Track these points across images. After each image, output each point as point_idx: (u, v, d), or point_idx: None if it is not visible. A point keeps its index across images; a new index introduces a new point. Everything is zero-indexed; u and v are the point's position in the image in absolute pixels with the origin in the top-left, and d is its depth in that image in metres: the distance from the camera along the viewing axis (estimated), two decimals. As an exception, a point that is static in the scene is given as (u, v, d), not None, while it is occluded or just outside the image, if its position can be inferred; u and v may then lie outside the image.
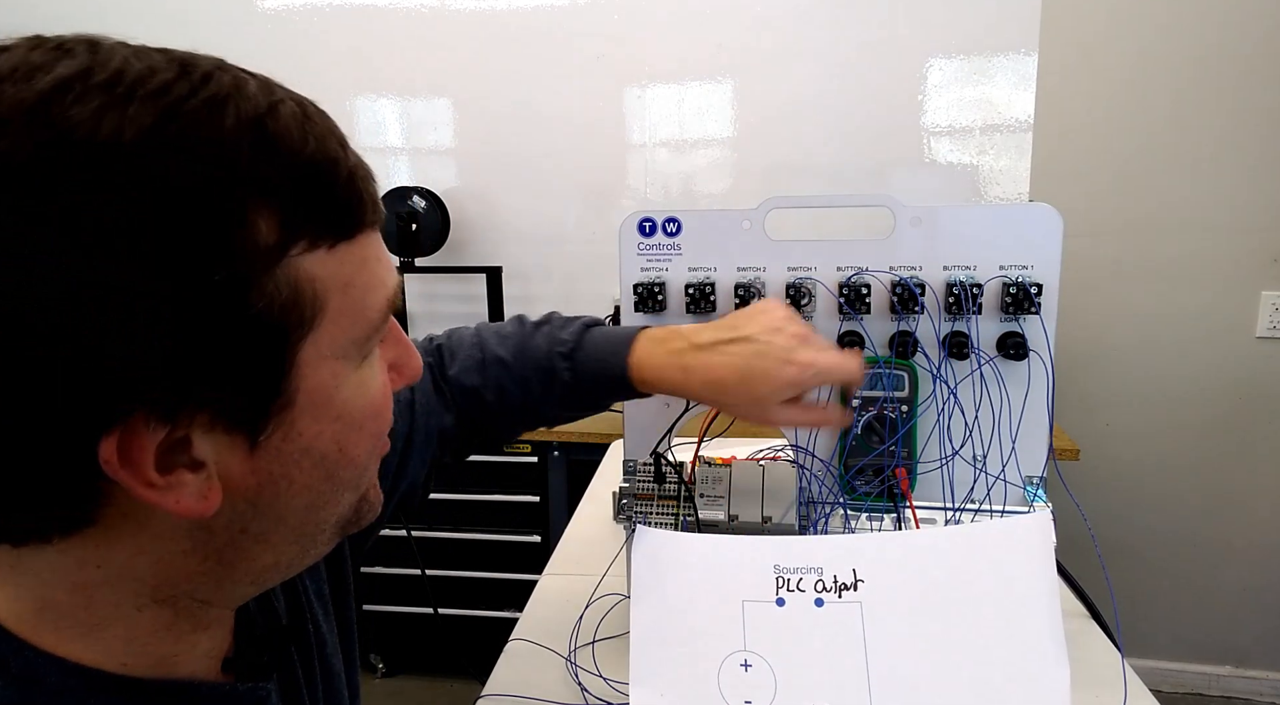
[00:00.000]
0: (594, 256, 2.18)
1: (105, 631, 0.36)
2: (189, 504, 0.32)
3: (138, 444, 0.30)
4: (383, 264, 0.37)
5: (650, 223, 0.78)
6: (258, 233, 0.31)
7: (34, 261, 0.27)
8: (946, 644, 0.54)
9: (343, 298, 0.34)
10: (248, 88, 0.32)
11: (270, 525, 0.37)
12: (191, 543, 0.35)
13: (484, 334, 0.71)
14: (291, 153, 0.32)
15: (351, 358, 0.36)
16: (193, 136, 0.29)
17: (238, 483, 0.34)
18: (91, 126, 0.28)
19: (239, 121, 0.31)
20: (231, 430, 0.33)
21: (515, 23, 2.10)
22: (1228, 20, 1.88)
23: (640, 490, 0.78)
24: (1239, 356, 2.01)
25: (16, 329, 0.27)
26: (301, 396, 0.34)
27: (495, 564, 2.03)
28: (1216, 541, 2.10)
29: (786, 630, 0.54)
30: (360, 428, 0.37)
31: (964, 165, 2.03)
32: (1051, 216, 0.72)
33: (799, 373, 0.60)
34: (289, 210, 0.32)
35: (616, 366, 0.65)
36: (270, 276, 0.31)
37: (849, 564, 0.56)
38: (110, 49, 0.30)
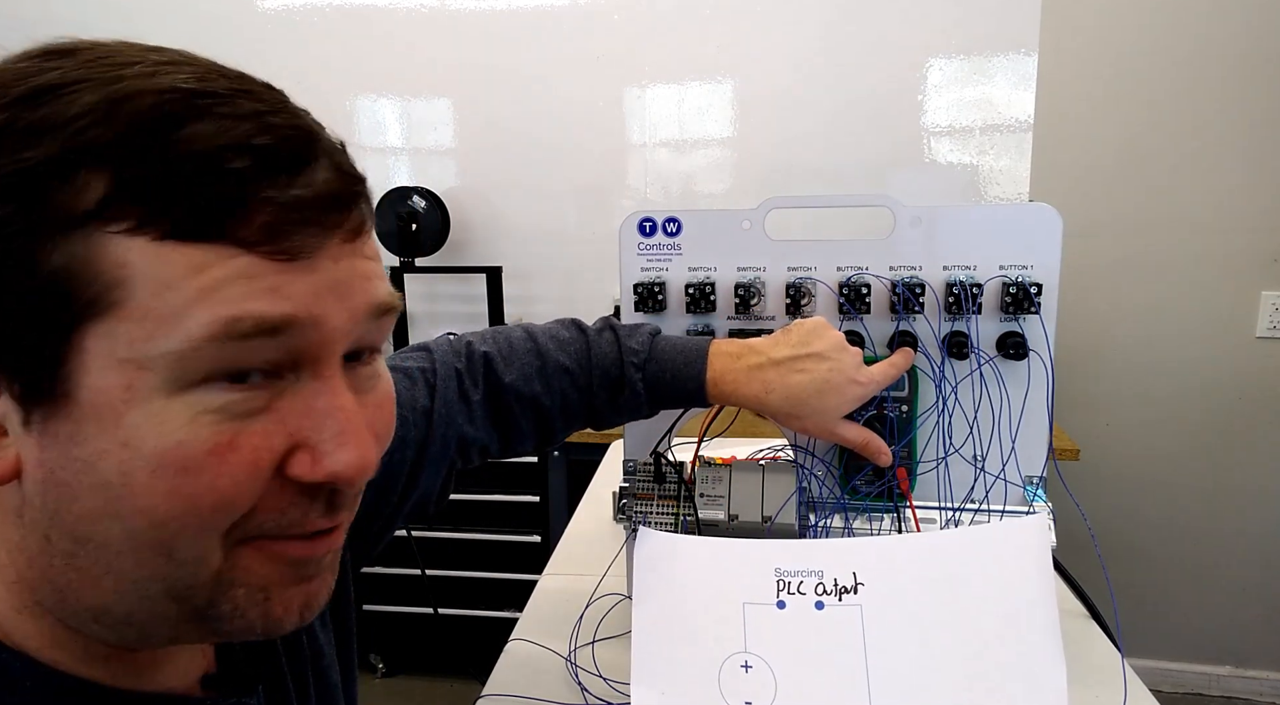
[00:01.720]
0: (594, 256, 2.18)
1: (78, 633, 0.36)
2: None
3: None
4: (255, 285, 0.31)
5: (650, 223, 0.78)
6: (78, 191, 0.29)
7: None
8: (945, 646, 0.54)
9: (155, 298, 0.30)
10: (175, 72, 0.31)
11: (71, 546, 0.33)
12: (17, 533, 0.34)
13: (540, 340, 0.70)
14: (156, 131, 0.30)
15: (158, 374, 0.31)
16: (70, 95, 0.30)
17: (30, 468, 0.32)
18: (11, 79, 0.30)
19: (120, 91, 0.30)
20: (14, 398, 0.31)
21: (515, 23, 2.10)
22: (1228, 20, 1.88)
23: (640, 490, 0.78)
24: (1239, 356, 2.01)
25: None
26: (85, 393, 0.31)
27: (495, 564, 2.03)
28: (1217, 541, 2.10)
29: (787, 632, 0.54)
30: (153, 472, 0.31)
31: (964, 165, 2.03)
32: (1051, 216, 0.72)
33: (864, 389, 0.67)
34: (120, 182, 0.30)
35: (693, 380, 0.67)
36: (67, 239, 0.29)
37: (849, 567, 0.56)
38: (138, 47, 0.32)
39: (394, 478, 0.62)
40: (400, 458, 0.62)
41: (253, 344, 0.31)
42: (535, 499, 1.99)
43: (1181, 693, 2.17)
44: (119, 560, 0.33)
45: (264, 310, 0.31)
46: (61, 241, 0.29)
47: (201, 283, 0.30)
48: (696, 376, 0.66)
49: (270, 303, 0.31)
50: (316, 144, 0.34)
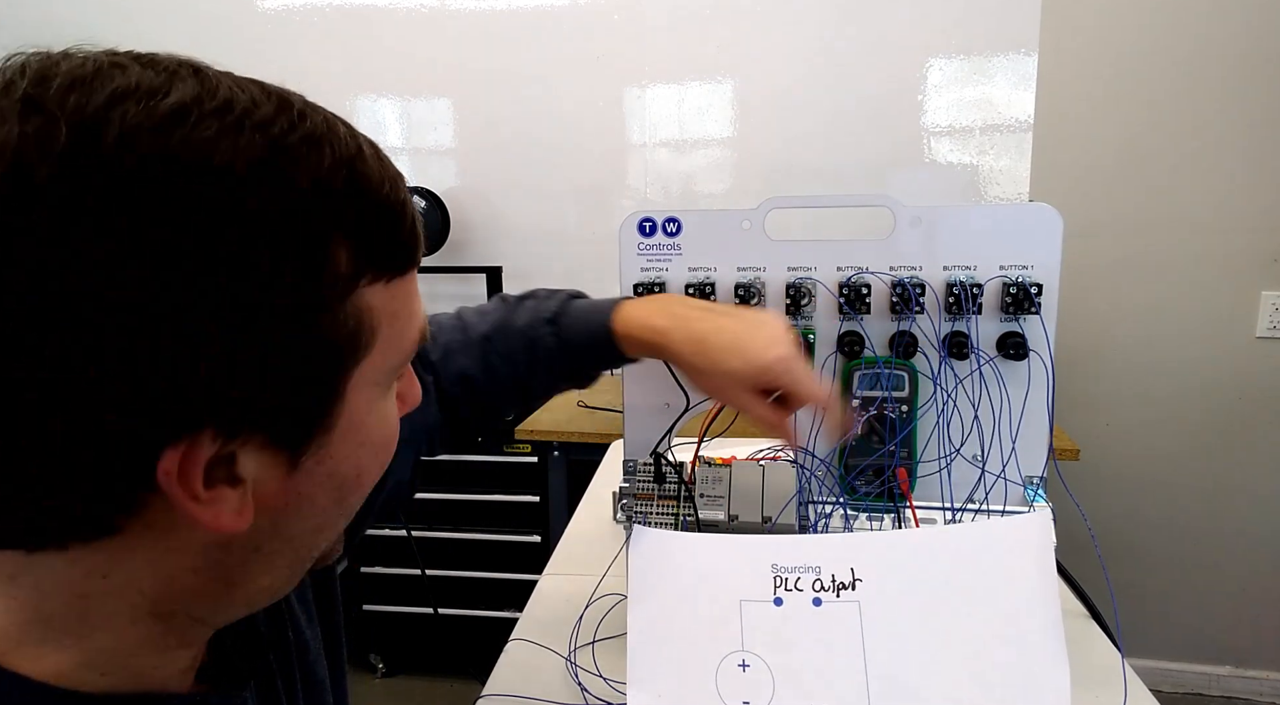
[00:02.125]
0: (594, 256, 2.18)
1: (91, 642, 0.36)
2: (227, 520, 0.33)
3: (195, 458, 0.31)
4: (418, 296, 0.39)
5: (650, 223, 0.78)
6: (338, 265, 0.32)
7: (140, 274, 0.28)
8: (945, 643, 0.54)
9: (389, 328, 0.36)
10: (339, 129, 0.34)
11: (280, 546, 0.37)
12: (204, 560, 0.35)
13: (465, 316, 0.71)
14: (373, 193, 0.34)
15: (384, 385, 0.38)
16: (296, 172, 0.31)
17: (269, 501, 0.34)
18: (210, 151, 0.29)
19: (334, 161, 0.32)
20: (277, 450, 0.34)
21: (515, 23, 2.10)
22: (1228, 20, 1.88)
23: (640, 490, 0.78)
24: (1239, 356, 2.01)
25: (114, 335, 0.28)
26: (342, 421, 0.35)
27: (495, 564, 2.03)
28: (1217, 541, 2.10)
29: (784, 630, 0.54)
30: (376, 455, 0.39)
31: (964, 165, 2.03)
32: (1051, 216, 0.72)
33: (778, 360, 0.60)
34: (362, 245, 0.33)
35: (601, 324, 0.65)
36: (342, 306, 0.33)
37: (847, 563, 0.56)
38: (214, 77, 0.32)
39: None
40: None
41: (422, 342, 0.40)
42: (535, 499, 1.99)
43: (1181, 693, 2.17)
44: (318, 537, 0.39)
45: (425, 313, 0.40)
46: (336, 307, 0.33)
47: (410, 306, 0.38)
48: (605, 321, 0.65)
49: (422, 307, 0.40)
50: None
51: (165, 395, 0.29)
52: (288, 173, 0.31)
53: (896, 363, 0.75)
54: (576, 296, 0.71)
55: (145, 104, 0.29)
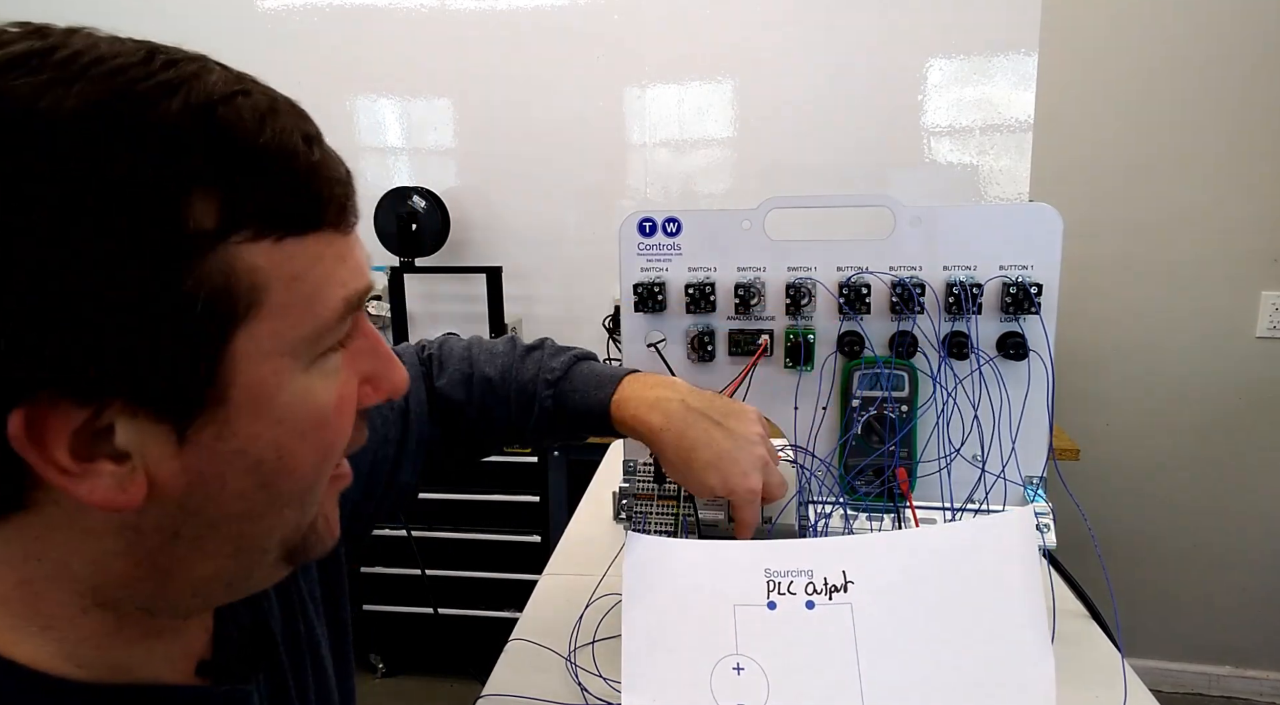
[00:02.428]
0: (594, 256, 2.18)
1: (54, 632, 0.36)
2: (104, 494, 0.31)
3: (50, 424, 0.30)
4: (347, 264, 0.36)
5: (650, 223, 0.78)
6: (192, 216, 0.30)
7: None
8: (935, 642, 0.54)
9: (288, 291, 0.33)
10: (209, 76, 0.32)
11: (203, 531, 0.35)
12: (122, 543, 0.34)
13: (475, 350, 0.71)
14: (241, 140, 0.31)
15: (299, 357, 0.35)
16: (135, 116, 0.29)
17: (166, 480, 0.33)
18: (31, 99, 0.28)
19: (187, 105, 0.30)
20: (158, 421, 0.32)
21: (515, 23, 2.10)
22: (1228, 20, 1.88)
23: (640, 490, 0.78)
24: (1239, 356, 2.01)
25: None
26: (236, 392, 0.33)
27: (495, 564, 2.03)
28: (1217, 541, 2.10)
29: (778, 633, 0.54)
30: (303, 436, 0.36)
31: (964, 165, 2.03)
32: (1051, 216, 0.72)
33: (745, 491, 0.62)
34: (230, 197, 0.31)
35: (598, 402, 0.66)
36: (202, 261, 0.30)
37: (838, 565, 0.56)
38: (87, 35, 0.31)
39: (377, 475, 0.63)
40: (383, 455, 0.64)
41: (352, 314, 0.36)
42: (535, 499, 1.99)
43: (1181, 693, 2.17)
44: (254, 525, 0.37)
45: (362, 284, 0.37)
46: (197, 264, 0.30)
47: (321, 270, 0.34)
48: (604, 400, 0.66)
49: (361, 276, 0.37)
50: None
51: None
52: (126, 118, 0.29)
53: (896, 363, 0.75)
54: (584, 357, 0.70)
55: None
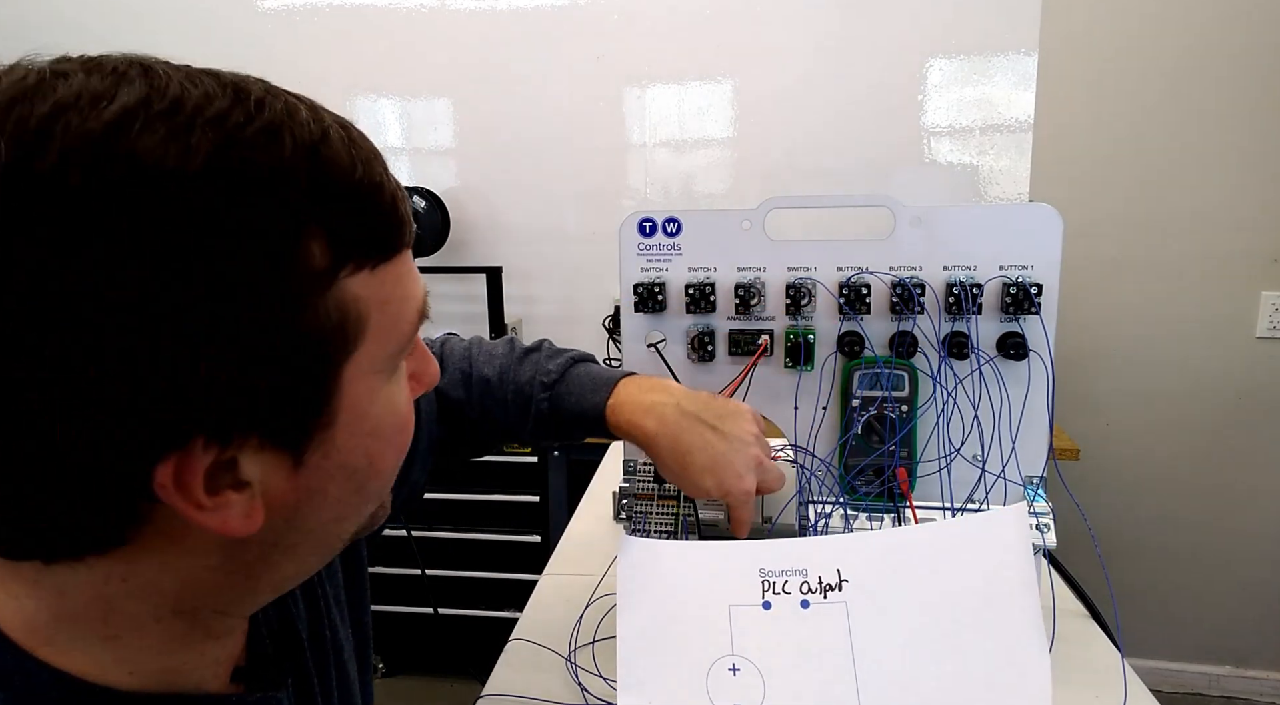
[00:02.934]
0: (594, 256, 2.17)
1: (118, 641, 0.36)
2: (235, 524, 0.33)
3: (191, 467, 0.31)
4: (413, 276, 0.38)
5: (650, 223, 0.78)
6: (311, 257, 0.31)
7: (103, 290, 0.27)
8: (930, 639, 0.54)
9: (381, 315, 0.35)
10: (300, 114, 0.32)
11: (299, 538, 0.37)
12: (222, 557, 0.35)
13: (474, 351, 0.71)
14: (342, 179, 0.33)
15: (385, 372, 0.37)
16: (252, 165, 0.30)
17: (279, 500, 0.34)
18: (158, 156, 0.28)
19: (295, 149, 0.31)
20: (278, 450, 0.33)
21: (515, 23, 2.10)
22: (1228, 20, 1.88)
23: (640, 490, 0.78)
24: (1239, 356, 2.01)
25: (84, 355, 0.27)
26: (342, 414, 0.35)
27: (495, 564, 2.03)
28: (1217, 541, 2.10)
29: (773, 633, 0.54)
30: (389, 441, 0.38)
31: (964, 165, 2.03)
32: (1051, 216, 0.72)
33: (741, 493, 0.63)
34: (338, 235, 0.32)
35: (593, 406, 0.66)
36: (321, 300, 0.32)
37: (833, 564, 0.56)
38: (164, 75, 0.31)
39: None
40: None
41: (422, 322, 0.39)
42: (535, 499, 1.99)
43: (1181, 693, 2.17)
44: (341, 525, 0.39)
45: (424, 290, 0.39)
46: (317, 302, 0.32)
47: (402, 290, 0.36)
48: (599, 404, 0.66)
49: (420, 283, 0.39)
50: None
51: (148, 412, 0.29)
52: (244, 168, 0.30)
53: (896, 363, 0.75)
54: (582, 359, 0.71)
55: (88, 113, 0.28)
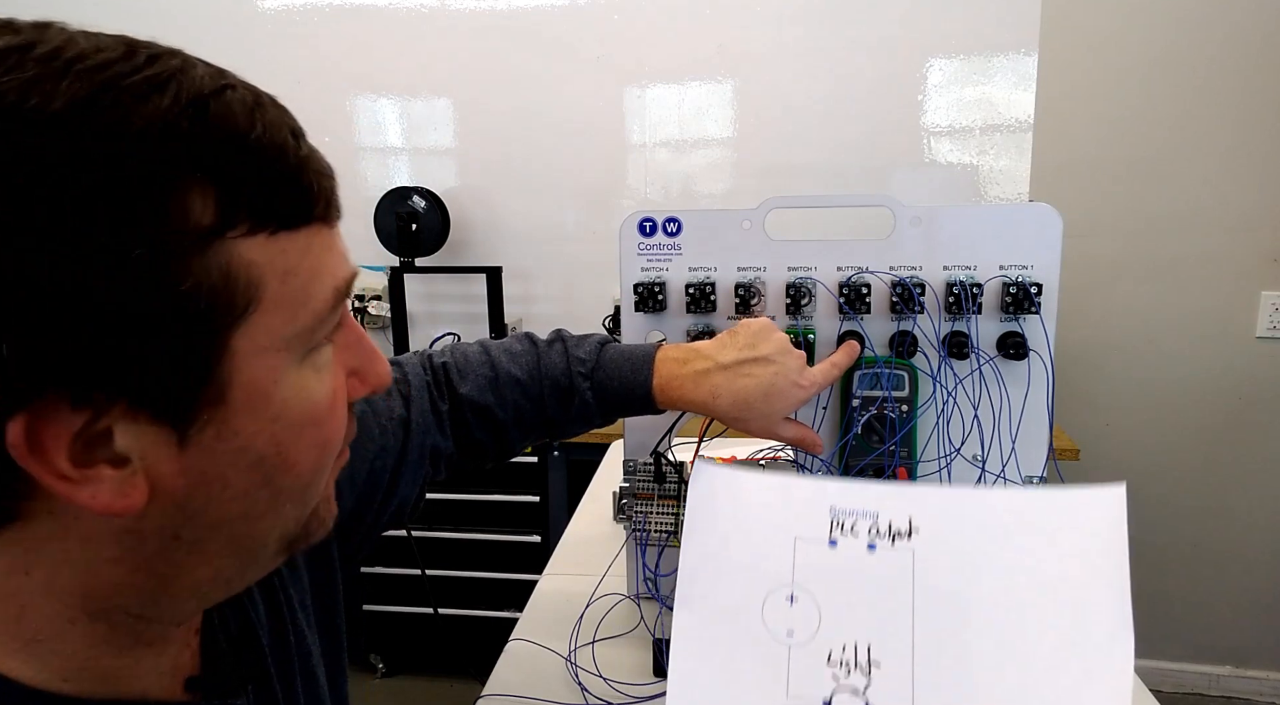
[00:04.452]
0: (594, 256, 2.18)
1: (42, 646, 0.35)
2: (106, 500, 0.31)
3: (49, 430, 0.29)
4: (333, 254, 0.36)
5: (650, 223, 0.78)
6: (190, 212, 0.29)
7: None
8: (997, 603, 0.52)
9: (281, 286, 0.33)
10: (195, 71, 0.31)
11: (204, 533, 0.35)
12: (120, 549, 0.34)
13: (493, 353, 0.71)
14: (234, 135, 0.31)
15: (293, 351, 0.34)
16: (126, 112, 0.29)
17: (167, 482, 0.32)
18: (18, 96, 0.27)
19: (177, 100, 0.30)
20: (157, 423, 0.31)
21: (515, 23, 2.10)
22: (1228, 20, 1.88)
23: (640, 490, 0.78)
24: (1239, 356, 2.01)
25: None
26: (236, 391, 0.32)
27: (495, 564, 2.03)
28: (1217, 541, 2.10)
29: (836, 569, 0.53)
30: (301, 431, 0.35)
31: (964, 165, 2.03)
32: (1051, 216, 0.72)
33: (806, 392, 0.67)
34: (226, 193, 0.30)
35: (641, 386, 0.67)
36: (200, 258, 0.30)
37: (905, 512, 0.55)
38: (61, 30, 0.30)
39: (376, 485, 0.62)
40: (381, 465, 0.63)
41: (341, 303, 0.36)
42: (535, 499, 1.99)
43: (1181, 693, 2.17)
44: (254, 524, 0.36)
45: (349, 271, 0.36)
46: (196, 261, 0.30)
47: (311, 262, 0.34)
48: (644, 383, 0.67)
49: (347, 264, 0.36)
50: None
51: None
52: (117, 114, 0.28)
53: (896, 363, 0.75)
54: (606, 341, 0.71)
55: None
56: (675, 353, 0.68)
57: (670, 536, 0.77)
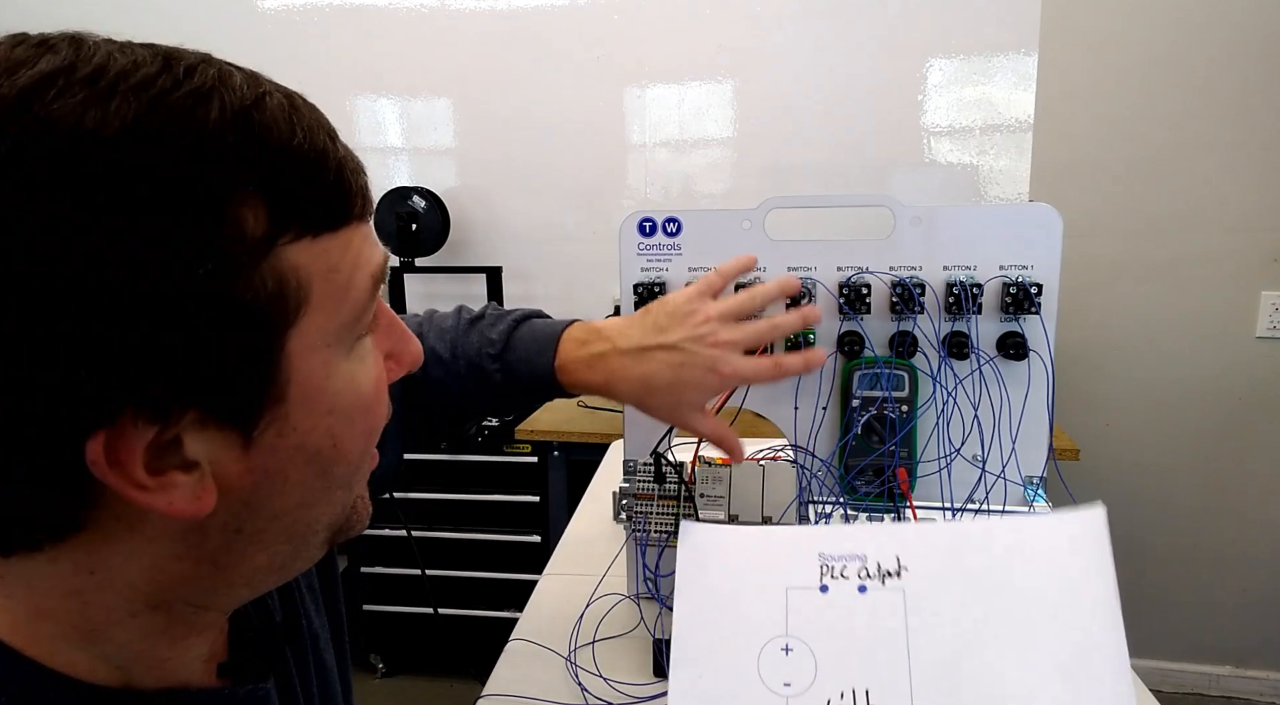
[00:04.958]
0: (594, 256, 2.18)
1: (100, 638, 0.36)
2: (182, 505, 0.32)
3: (126, 444, 0.30)
4: (368, 242, 0.37)
5: (650, 223, 0.78)
6: (244, 224, 0.30)
7: (17, 258, 0.27)
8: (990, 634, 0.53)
9: (326, 284, 0.34)
10: (233, 80, 0.32)
11: (264, 524, 0.36)
12: (185, 545, 0.35)
13: (425, 327, 0.69)
14: (278, 144, 0.32)
15: (342, 344, 0.36)
16: (176, 129, 0.29)
17: (233, 481, 0.33)
18: (74, 121, 0.28)
19: (223, 113, 0.30)
20: (224, 427, 0.32)
21: (515, 23, 2.10)
22: (1227, 20, 1.88)
23: (640, 490, 0.78)
24: (1239, 356, 2.01)
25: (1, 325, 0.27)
26: (294, 389, 0.33)
27: (495, 564, 2.03)
28: (1217, 541, 2.10)
29: (829, 616, 0.54)
30: (353, 421, 0.37)
31: (964, 165, 2.03)
32: (1051, 216, 0.72)
33: (721, 382, 0.62)
34: (275, 201, 0.31)
35: (543, 370, 0.65)
36: (257, 268, 0.31)
37: (892, 552, 0.55)
38: (94, 45, 0.30)
39: None
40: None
41: (379, 289, 0.37)
42: (535, 499, 1.99)
43: (1181, 693, 2.17)
44: (309, 512, 0.38)
45: (381, 257, 0.37)
46: (252, 271, 0.31)
47: (350, 257, 0.35)
48: (546, 365, 0.65)
49: (378, 250, 0.37)
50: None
51: (71, 385, 0.28)
52: (167, 132, 0.29)
53: (896, 363, 0.75)
54: (526, 318, 0.69)
55: (3, 80, 0.28)
56: (578, 332, 0.66)
57: (670, 537, 0.78)
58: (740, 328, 0.63)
